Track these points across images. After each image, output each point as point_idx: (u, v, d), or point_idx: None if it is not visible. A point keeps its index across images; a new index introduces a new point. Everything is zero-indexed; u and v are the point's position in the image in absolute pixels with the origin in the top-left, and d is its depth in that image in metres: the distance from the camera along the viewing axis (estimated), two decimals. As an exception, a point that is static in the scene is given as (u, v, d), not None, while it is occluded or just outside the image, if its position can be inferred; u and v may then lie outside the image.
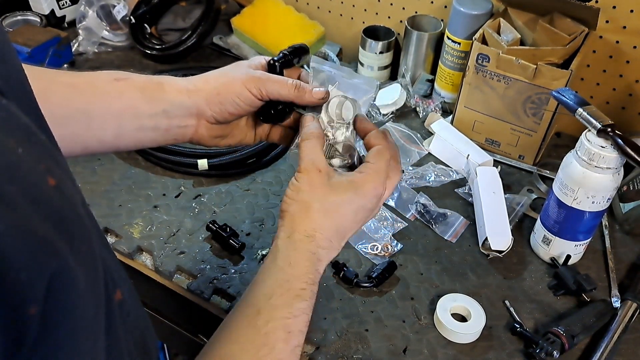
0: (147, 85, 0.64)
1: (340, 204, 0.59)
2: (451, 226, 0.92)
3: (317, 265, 0.57)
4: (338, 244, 0.60)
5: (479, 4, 1.04)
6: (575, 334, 0.74)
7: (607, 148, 0.74)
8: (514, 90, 0.96)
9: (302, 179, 0.60)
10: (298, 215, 0.59)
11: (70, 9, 1.32)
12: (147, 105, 0.63)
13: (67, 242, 0.30)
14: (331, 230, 0.59)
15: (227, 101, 0.64)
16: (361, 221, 0.62)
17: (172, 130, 0.65)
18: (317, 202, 0.59)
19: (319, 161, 0.60)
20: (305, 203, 0.59)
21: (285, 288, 0.55)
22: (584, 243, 0.85)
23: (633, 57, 1.01)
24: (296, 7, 1.29)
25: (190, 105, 0.64)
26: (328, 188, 0.59)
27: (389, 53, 1.20)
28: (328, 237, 0.58)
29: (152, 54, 1.24)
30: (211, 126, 0.66)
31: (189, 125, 0.65)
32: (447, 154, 1.04)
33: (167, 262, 0.84)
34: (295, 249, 0.57)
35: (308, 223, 0.58)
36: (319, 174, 0.60)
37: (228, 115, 0.65)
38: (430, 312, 0.79)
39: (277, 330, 0.53)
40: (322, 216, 0.58)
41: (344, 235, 0.60)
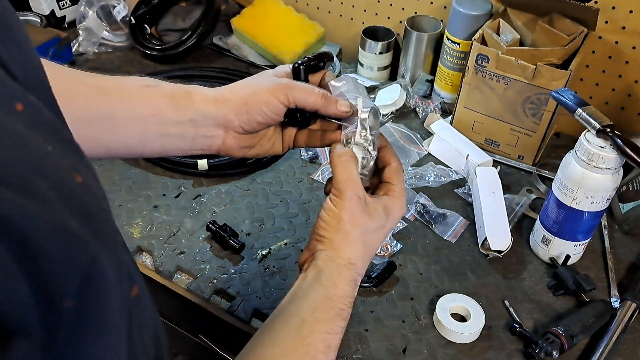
0: (176, 94, 0.64)
1: (375, 231, 0.61)
2: (451, 226, 0.92)
3: (355, 289, 0.59)
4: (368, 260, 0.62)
5: (479, 4, 1.04)
6: (574, 334, 0.74)
7: (607, 148, 0.75)
8: (514, 90, 0.97)
9: (341, 206, 0.60)
10: (340, 243, 0.60)
11: (71, 10, 1.33)
12: (174, 112, 0.64)
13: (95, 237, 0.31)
14: (367, 256, 0.61)
15: (254, 110, 0.63)
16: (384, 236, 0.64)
17: (198, 140, 0.64)
18: (357, 231, 0.60)
19: (357, 187, 0.60)
20: (346, 232, 0.60)
21: (329, 305, 0.57)
22: (583, 243, 0.85)
23: (632, 57, 1.01)
24: (296, 7, 1.29)
25: (218, 116, 0.64)
26: (367, 217, 0.60)
27: (389, 53, 1.20)
28: (363, 264, 0.61)
29: (152, 55, 1.24)
30: (239, 136, 0.65)
31: (217, 135, 0.65)
32: (447, 154, 1.04)
33: (167, 262, 0.84)
34: (340, 272, 0.58)
35: (350, 251, 0.60)
36: (358, 201, 0.60)
37: (256, 125, 0.64)
38: (430, 312, 0.79)
39: (318, 343, 0.54)
40: (362, 245, 0.60)
41: (371, 256, 0.63)
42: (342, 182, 0.60)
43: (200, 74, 1.21)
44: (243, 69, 1.25)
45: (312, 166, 1.02)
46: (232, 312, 0.79)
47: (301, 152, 1.04)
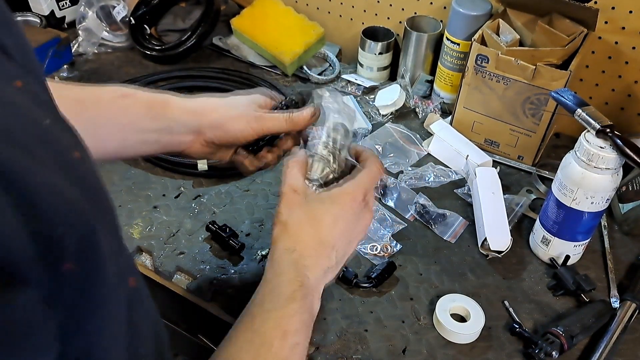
0: (152, 103, 0.68)
1: (316, 214, 0.62)
2: (450, 226, 0.92)
3: (304, 270, 0.59)
4: (326, 252, 0.61)
5: (478, 4, 1.04)
6: (574, 334, 0.74)
7: (606, 148, 0.75)
8: (513, 90, 0.97)
9: (281, 203, 0.63)
10: (278, 236, 0.62)
11: (70, 10, 1.33)
12: (151, 122, 0.68)
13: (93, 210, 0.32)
14: (312, 240, 0.61)
15: (229, 132, 0.70)
16: (346, 231, 0.63)
17: (169, 145, 0.70)
18: (293, 218, 0.62)
19: (296, 184, 0.63)
20: (283, 223, 0.62)
21: (276, 293, 0.58)
22: (583, 243, 0.85)
23: (632, 57, 1.01)
24: (296, 8, 1.29)
25: (194, 126, 0.69)
26: (304, 204, 0.62)
27: (389, 54, 1.20)
28: (310, 247, 0.61)
29: (152, 55, 1.24)
30: (205, 144, 0.71)
31: (187, 140, 0.70)
32: (447, 154, 1.04)
33: (167, 263, 0.84)
34: (279, 262, 0.60)
35: (287, 239, 0.61)
36: (294, 194, 0.63)
37: (225, 142, 0.71)
38: (430, 313, 0.79)
39: (272, 330, 0.55)
40: (299, 229, 0.61)
41: (332, 244, 0.62)
42: (283, 183, 0.64)
43: (200, 74, 1.21)
44: (243, 69, 1.25)
45: (311, 166, 1.02)
46: (232, 312, 0.79)
47: (301, 152, 1.04)
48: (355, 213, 0.63)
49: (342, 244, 0.63)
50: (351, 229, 0.64)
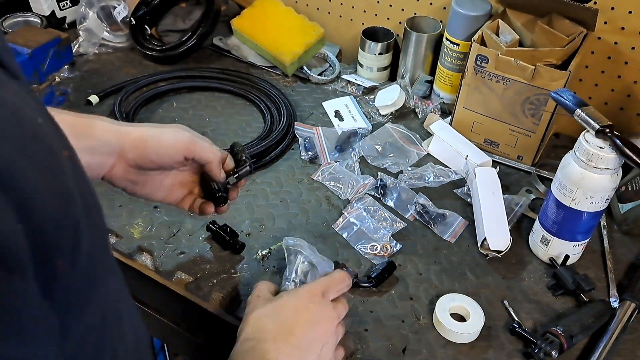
0: (77, 123, 0.66)
1: (277, 306, 0.65)
2: (450, 226, 0.92)
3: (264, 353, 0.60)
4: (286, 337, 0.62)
5: (478, 5, 1.04)
6: (573, 334, 0.75)
7: (606, 149, 0.75)
8: (513, 91, 0.97)
9: (248, 307, 0.67)
10: (240, 331, 0.64)
11: (71, 10, 1.33)
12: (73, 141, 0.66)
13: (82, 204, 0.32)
14: (272, 326, 0.63)
15: (152, 149, 0.68)
16: (310, 320, 0.64)
17: (90, 167, 0.66)
18: (254, 313, 0.64)
19: (261, 291, 0.68)
20: (244, 320, 0.65)
21: None
22: (582, 243, 0.85)
23: (631, 58, 1.01)
24: (296, 8, 1.29)
25: (115, 145, 0.67)
26: (266, 301, 0.66)
27: (388, 54, 1.20)
28: (269, 332, 0.62)
29: (153, 55, 1.24)
30: (128, 169, 0.69)
31: (107, 163, 0.67)
32: (446, 154, 1.04)
33: (167, 263, 0.84)
34: (236, 353, 0.61)
35: (247, 330, 0.63)
36: (258, 298, 0.67)
37: (149, 163, 0.68)
38: (430, 312, 0.79)
39: None
40: (259, 319, 0.64)
41: (292, 331, 0.63)
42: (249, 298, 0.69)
43: (201, 75, 1.21)
44: (243, 69, 1.25)
45: (312, 166, 1.02)
46: (232, 312, 0.79)
47: (301, 152, 1.04)
48: (316, 305, 0.65)
49: (303, 333, 0.63)
50: (314, 320, 0.64)
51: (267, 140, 1.03)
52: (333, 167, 1.00)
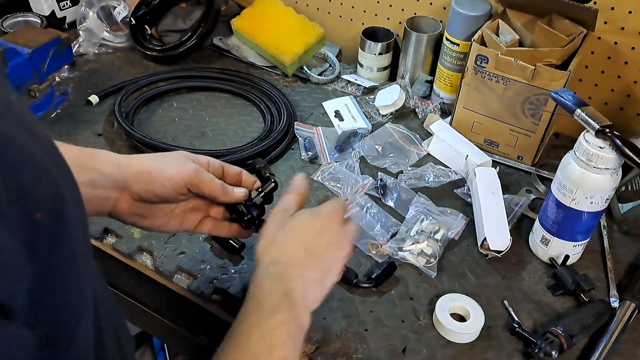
0: (78, 155, 0.64)
1: (300, 226, 0.63)
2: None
3: (289, 281, 0.59)
4: (313, 262, 0.61)
5: (478, 5, 1.04)
6: (573, 334, 0.75)
7: (606, 149, 0.75)
8: (513, 91, 0.97)
9: (270, 222, 0.64)
10: (264, 249, 0.62)
11: (71, 10, 1.33)
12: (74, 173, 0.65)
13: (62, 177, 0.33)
14: (298, 249, 0.61)
15: (156, 181, 0.65)
16: (332, 243, 0.64)
17: (93, 201, 0.64)
18: (280, 232, 0.62)
19: (288, 205, 0.66)
20: (269, 237, 0.62)
21: (257, 308, 0.57)
22: (582, 243, 0.85)
23: (631, 58, 1.01)
24: (296, 8, 1.29)
25: (118, 178, 0.65)
26: (290, 218, 0.64)
27: (388, 54, 1.20)
28: (296, 256, 0.61)
29: (153, 55, 1.24)
30: (133, 202, 0.67)
31: (111, 197, 0.65)
32: (446, 154, 1.04)
33: (167, 263, 0.84)
34: (262, 276, 0.59)
35: (272, 252, 0.61)
36: (284, 213, 0.65)
37: (153, 196, 0.66)
38: (430, 312, 0.79)
39: (256, 345, 0.54)
40: (286, 241, 0.62)
41: (318, 255, 0.62)
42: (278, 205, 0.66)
43: (201, 75, 1.21)
44: (243, 69, 1.25)
45: (312, 166, 1.02)
46: (232, 312, 0.79)
47: (301, 152, 1.04)
48: (337, 226, 0.64)
49: (328, 256, 0.63)
50: (337, 242, 0.64)
51: (267, 140, 1.03)
52: (333, 167, 1.00)
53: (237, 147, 1.02)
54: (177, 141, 1.05)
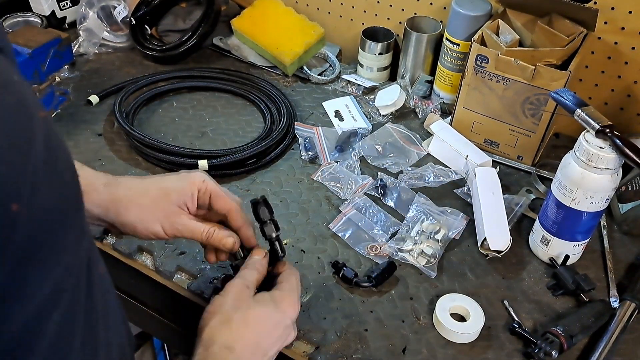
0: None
1: (262, 317, 0.62)
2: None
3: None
4: (259, 358, 0.61)
5: (478, 5, 1.04)
6: (573, 334, 0.75)
7: (606, 149, 0.75)
8: (513, 91, 0.97)
9: (228, 294, 0.63)
10: (218, 328, 0.60)
11: (71, 10, 1.33)
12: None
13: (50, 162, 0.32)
14: (252, 341, 0.61)
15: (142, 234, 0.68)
16: (280, 338, 0.64)
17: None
18: (239, 314, 0.61)
19: (249, 282, 0.65)
20: (227, 314, 0.61)
21: None
22: (582, 243, 0.85)
23: (631, 58, 1.01)
24: (296, 8, 1.29)
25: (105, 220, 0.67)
26: (252, 301, 0.63)
27: (389, 54, 1.20)
28: (248, 349, 0.60)
29: (153, 55, 1.24)
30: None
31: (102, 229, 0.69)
32: (446, 154, 1.04)
33: (167, 263, 0.84)
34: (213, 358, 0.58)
35: (228, 334, 0.60)
36: (247, 289, 0.64)
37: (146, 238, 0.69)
38: (430, 312, 0.79)
39: None
40: (243, 327, 0.61)
41: (265, 352, 0.62)
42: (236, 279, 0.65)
43: (201, 75, 1.21)
44: (243, 69, 1.25)
45: (312, 166, 1.02)
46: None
47: (301, 152, 1.04)
48: (291, 322, 0.65)
49: (273, 352, 0.63)
50: (283, 338, 0.64)
51: (267, 140, 1.03)
52: (333, 167, 1.00)
53: (237, 147, 1.02)
54: (177, 141, 1.05)
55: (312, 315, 0.78)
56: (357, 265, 0.85)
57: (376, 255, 0.86)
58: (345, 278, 0.82)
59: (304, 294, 0.80)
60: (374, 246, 0.87)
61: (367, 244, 0.87)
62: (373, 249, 0.87)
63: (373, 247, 0.87)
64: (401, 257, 0.85)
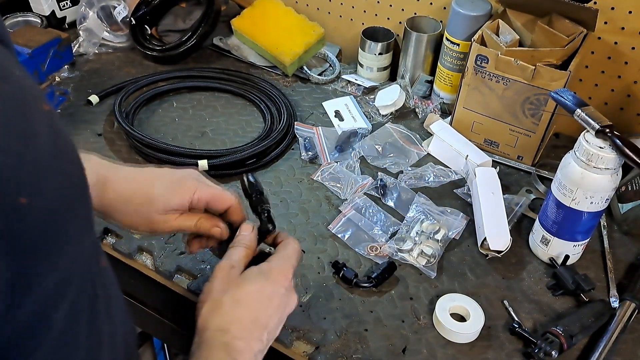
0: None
1: (253, 292, 0.61)
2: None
3: (234, 353, 0.57)
4: (259, 333, 0.60)
5: (478, 5, 1.04)
6: (573, 334, 0.75)
7: (606, 149, 0.75)
8: (513, 91, 0.97)
9: (215, 279, 0.62)
10: (210, 314, 0.59)
11: (71, 10, 1.33)
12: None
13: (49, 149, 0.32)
14: (247, 319, 0.59)
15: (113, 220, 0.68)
16: (279, 307, 0.62)
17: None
18: (228, 295, 0.60)
19: (235, 261, 0.63)
20: (216, 299, 0.60)
21: None
22: (582, 243, 0.85)
23: (631, 58, 1.01)
24: (296, 8, 1.29)
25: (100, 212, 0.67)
26: (239, 280, 0.61)
27: (389, 54, 1.20)
28: (245, 327, 0.59)
29: (153, 55, 1.24)
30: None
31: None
32: (446, 154, 1.04)
33: (167, 263, 0.84)
34: (210, 345, 0.57)
35: (220, 318, 0.59)
36: (231, 270, 0.62)
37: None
38: (430, 312, 0.79)
39: None
40: (235, 307, 0.59)
41: (265, 324, 0.60)
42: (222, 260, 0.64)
43: (201, 75, 1.21)
44: (243, 69, 1.25)
45: (312, 166, 1.02)
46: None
47: (301, 152, 1.04)
48: (287, 290, 0.63)
49: (274, 323, 0.62)
50: (283, 306, 0.63)
51: (267, 140, 1.03)
52: (333, 167, 1.00)
53: (237, 147, 1.02)
54: (177, 141, 1.05)
55: (312, 315, 0.78)
56: (357, 266, 0.85)
57: (376, 256, 0.86)
58: (345, 278, 0.82)
59: (304, 294, 0.80)
60: (373, 246, 0.87)
61: (367, 244, 0.87)
62: (373, 249, 0.87)
63: (373, 248, 0.87)
64: (401, 257, 0.85)
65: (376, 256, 0.86)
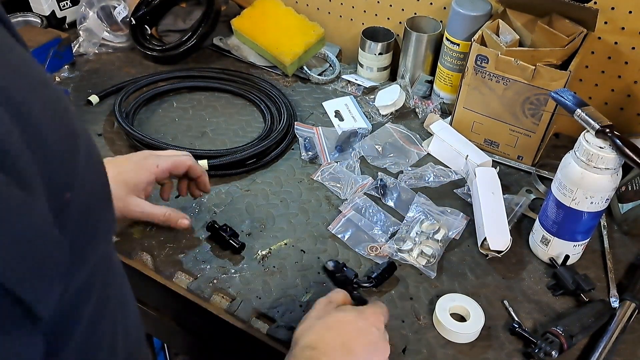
0: None
1: (343, 321, 0.65)
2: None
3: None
4: (345, 357, 0.62)
5: (478, 5, 1.04)
6: (573, 334, 0.75)
7: (606, 149, 0.75)
8: (513, 91, 0.97)
9: (313, 310, 0.67)
10: (302, 333, 0.64)
11: (71, 10, 1.33)
12: None
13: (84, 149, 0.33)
14: (335, 342, 0.63)
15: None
16: (370, 344, 0.64)
17: None
18: (321, 320, 0.65)
19: (335, 298, 0.69)
20: (310, 321, 0.65)
21: None
22: (582, 243, 0.85)
23: (632, 58, 1.01)
24: (296, 8, 1.29)
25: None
26: (333, 310, 0.67)
27: (389, 54, 1.20)
28: (332, 348, 0.62)
29: (153, 55, 1.24)
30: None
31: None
32: (446, 154, 1.04)
33: (167, 263, 0.84)
34: (297, 357, 0.61)
35: (310, 336, 0.63)
36: (329, 303, 0.68)
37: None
38: (430, 312, 0.79)
39: None
40: (325, 330, 0.64)
41: (352, 350, 0.63)
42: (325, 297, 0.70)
43: (201, 75, 1.21)
44: (243, 69, 1.25)
45: (312, 166, 1.02)
46: (232, 312, 0.79)
47: (301, 152, 1.04)
48: (378, 331, 0.66)
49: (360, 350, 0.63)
50: (375, 345, 0.65)
51: (267, 140, 1.03)
52: (333, 167, 1.00)
53: (237, 147, 1.02)
54: (177, 141, 1.05)
55: (312, 315, 0.78)
56: (357, 266, 0.85)
57: (376, 256, 0.86)
58: (345, 278, 0.81)
59: (304, 294, 0.80)
60: (373, 246, 0.87)
61: (367, 245, 0.87)
62: (373, 250, 0.87)
63: (373, 248, 0.87)
64: (401, 257, 0.85)
65: (376, 256, 0.86)
